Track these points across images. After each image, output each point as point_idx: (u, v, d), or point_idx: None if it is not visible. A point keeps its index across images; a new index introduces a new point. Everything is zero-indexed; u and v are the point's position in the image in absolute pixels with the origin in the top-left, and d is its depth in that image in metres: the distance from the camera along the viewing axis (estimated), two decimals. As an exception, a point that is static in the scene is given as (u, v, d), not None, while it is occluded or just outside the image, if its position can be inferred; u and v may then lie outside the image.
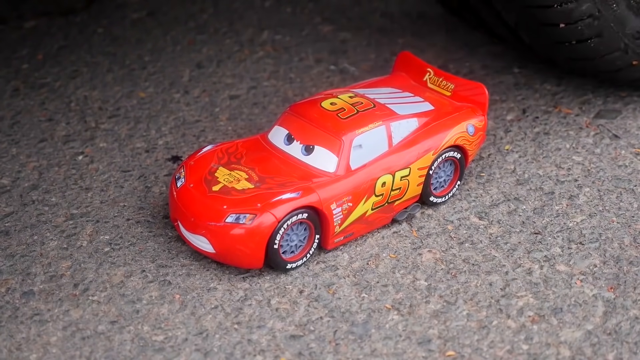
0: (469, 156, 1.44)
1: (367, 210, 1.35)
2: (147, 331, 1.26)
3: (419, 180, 1.39)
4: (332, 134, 1.34)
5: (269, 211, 1.27)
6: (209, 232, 1.30)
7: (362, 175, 1.34)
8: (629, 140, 1.56)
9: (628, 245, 1.37)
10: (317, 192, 1.30)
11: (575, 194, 1.46)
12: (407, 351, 1.23)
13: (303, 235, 1.32)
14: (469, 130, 1.42)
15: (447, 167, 1.43)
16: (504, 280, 1.32)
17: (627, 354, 1.22)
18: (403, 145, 1.38)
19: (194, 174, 1.35)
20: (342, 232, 1.34)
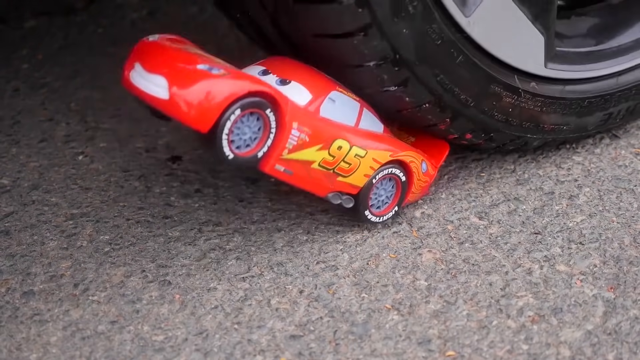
0: (410, 190, 1.41)
1: (316, 161, 1.29)
2: (147, 331, 1.26)
3: (367, 171, 1.34)
4: (313, 76, 1.31)
5: (244, 79, 1.20)
6: (172, 73, 1.19)
7: (327, 124, 1.30)
8: (629, 140, 1.56)
9: (628, 245, 1.37)
10: (288, 102, 1.24)
11: (575, 194, 1.46)
12: (407, 351, 1.23)
13: (256, 129, 1.23)
14: (422, 166, 1.40)
15: (389, 187, 1.39)
16: (504, 280, 1.32)
17: (627, 354, 1.22)
18: (367, 132, 1.34)
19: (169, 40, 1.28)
20: (285, 162, 1.27)
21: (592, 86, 1.48)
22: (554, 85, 1.44)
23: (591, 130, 1.52)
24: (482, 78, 1.37)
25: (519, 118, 1.43)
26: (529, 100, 1.42)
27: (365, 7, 1.23)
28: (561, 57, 1.45)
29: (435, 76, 1.33)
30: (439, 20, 1.30)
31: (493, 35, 1.36)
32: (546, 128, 1.47)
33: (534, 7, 1.37)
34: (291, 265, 1.35)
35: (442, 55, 1.32)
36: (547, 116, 1.45)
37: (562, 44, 1.47)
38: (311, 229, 1.40)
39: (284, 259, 1.36)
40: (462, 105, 1.38)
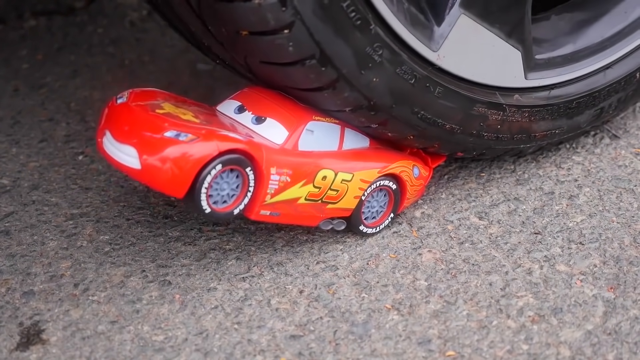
0: (405, 197, 1.40)
1: (301, 197, 1.29)
2: (147, 331, 1.26)
3: (357, 192, 1.33)
4: (289, 111, 1.29)
5: (214, 139, 1.19)
6: (141, 143, 1.19)
7: (307, 159, 1.28)
8: (629, 140, 1.56)
9: (628, 245, 1.37)
10: (262, 149, 1.23)
11: (575, 194, 1.46)
12: (407, 351, 1.23)
13: (235, 186, 1.23)
14: (414, 171, 1.39)
15: (381, 198, 1.38)
16: (504, 280, 1.32)
17: (627, 354, 1.22)
18: (352, 152, 1.33)
19: (138, 98, 1.27)
20: (270, 206, 1.27)
21: (579, 85, 1.46)
22: (539, 92, 1.43)
23: (586, 127, 1.51)
24: (464, 103, 1.35)
25: (509, 132, 1.42)
26: (516, 113, 1.40)
27: (329, 66, 1.21)
28: (542, 64, 1.43)
29: (416, 113, 1.31)
30: (407, 61, 1.27)
31: (467, 62, 1.34)
32: (538, 136, 1.45)
33: (506, 25, 1.35)
34: (291, 265, 1.35)
35: (418, 92, 1.30)
36: (537, 124, 1.43)
37: (543, 49, 1.45)
38: (311, 229, 1.40)
39: (284, 259, 1.36)
40: (448, 133, 1.36)
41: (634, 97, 1.53)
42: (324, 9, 1.17)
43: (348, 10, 1.19)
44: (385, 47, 1.24)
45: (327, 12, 1.17)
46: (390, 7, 1.23)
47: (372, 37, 1.22)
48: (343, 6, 1.18)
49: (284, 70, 1.23)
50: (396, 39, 1.25)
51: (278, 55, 1.20)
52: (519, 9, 1.36)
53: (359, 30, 1.21)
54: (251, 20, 1.17)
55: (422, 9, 1.29)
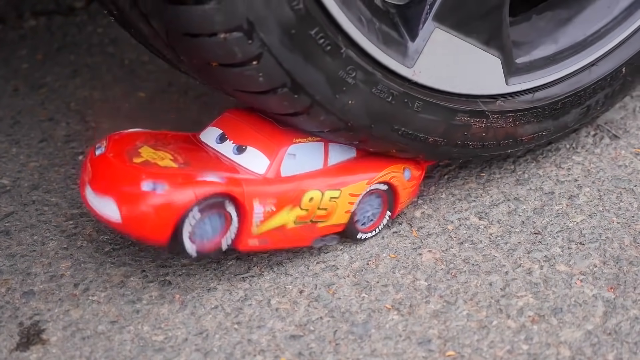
0: (399, 202, 1.39)
1: (289, 221, 1.29)
2: (147, 331, 1.26)
3: (347, 207, 1.33)
4: (269, 137, 1.29)
5: (190, 187, 1.20)
6: (120, 197, 1.21)
7: (291, 184, 1.28)
8: (629, 140, 1.56)
9: (628, 245, 1.37)
10: (242, 184, 1.24)
11: (575, 194, 1.46)
12: (407, 351, 1.23)
13: (218, 225, 1.24)
14: (405, 174, 1.38)
15: (374, 201, 1.37)
16: (504, 280, 1.32)
17: (627, 354, 1.22)
18: (338, 167, 1.33)
19: (116, 146, 1.28)
20: (258, 236, 1.27)
21: (564, 85, 1.45)
22: (522, 96, 1.41)
23: (574, 126, 1.50)
24: (445, 115, 1.33)
25: (495, 139, 1.40)
26: (500, 119, 1.38)
27: (301, 93, 1.20)
28: (524, 68, 1.41)
29: (396, 130, 1.29)
30: (383, 80, 1.25)
31: (445, 74, 1.32)
32: (525, 139, 1.43)
33: (482, 34, 1.33)
34: (291, 265, 1.35)
35: (397, 110, 1.28)
36: (522, 128, 1.41)
37: (523, 52, 1.43)
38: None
39: (283, 259, 1.36)
40: (432, 146, 1.34)
41: (622, 91, 1.52)
42: (291, 38, 1.16)
43: (317, 37, 1.18)
44: (358, 69, 1.22)
45: (295, 41, 1.16)
46: (361, 28, 1.22)
47: (344, 61, 1.21)
48: (311, 34, 1.17)
49: (259, 98, 1.23)
50: (369, 59, 1.24)
51: (249, 85, 1.19)
52: (495, 16, 1.34)
53: (329, 56, 1.19)
54: (218, 54, 1.16)
55: (394, 25, 1.28)
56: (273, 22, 1.14)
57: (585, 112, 1.49)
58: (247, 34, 1.13)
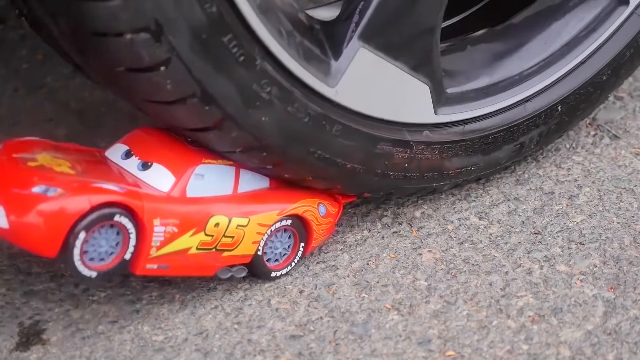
0: (311, 239, 1.31)
1: (192, 246, 1.20)
2: (147, 331, 1.26)
3: (255, 237, 1.25)
4: (176, 155, 1.22)
5: (85, 193, 1.10)
6: (8, 201, 1.11)
7: (197, 206, 1.20)
8: (629, 140, 1.56)
9: (628, 245, 1.37)
10: (143, 199, 1.15)
11: (575, 194, 1.46)
12: (407, 351, 1.23)
13: (114, 242, 1.14)
14: (320, 209, 1.31)
15: (285, 239, 1.30)
16: (504, 280, 1.32)
17: (627, 354, 1.22)
18: (248, 195, 1.26)
19: (11, 150, 1.21)
20: (157, 259, 1.18)
21: (497, 119, 1.38)
22: (451, 128, 1.34)
23: (506, 163, 1.44)
24: (366, 141, 1.26)
25: (419, 171, 1.33)
26: (425, 151, 1.32)
27: (212, 104, 1.13)
28: (455, 98, 1.35)
29: (312, 153, 1.23)
30: (300, 98, 1.18)
31: (369, 97, 1.25)
32: (452, 173, 1.38)
33: (412, 59, 1.26)
34: (291, 265, 1.35)
35: (314, 131, 1.21)
36: (449, 161, 1.35)
37: (455, 82, 1.37)
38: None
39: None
40: (350, 173, 1.27)
41: (558, 131, 1.47)
42: (202, 44, 1.09)
43: (230, 46, 1.10)
44: (274, 83, 1.15)
45: (206, 47, 1.09)
46: (280, 41, 1.15)
47: (259, 74, 1.14)
48: (224, 41, 1.10)
49: (167, 109, 1.15)
50: (287, 74, 1.17)
51: (157, 94, 1.12)
52: (426, 41, 1.28)
53: (243, 67, 1.12)
54: (125, 57, 1.08)
55: (319, 41, 1.22)
56: (183, 25, 1.07)
57: (519, 150, 1.43)
58: (154, 36, 1.06)
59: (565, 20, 1.45)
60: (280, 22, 1.16)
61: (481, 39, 1.45)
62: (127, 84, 1.14)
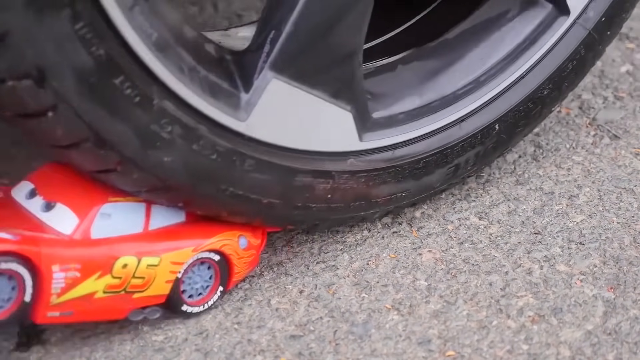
0: (233, 273, 1.25)
1: (98, 290, 1.14)
2: (147, 331, 1.26)
3: (169, 276, 1.19)
4: (81, 194, 1.16)
5: None
6: None
7: (102, 247, 1.14)
8: (629, 140, 1.56)
9: (628, 245, 1.37)
10: (40, 245, 1.09)
11: (575, 194, 1.46)
12: (407, 351, 1.23)
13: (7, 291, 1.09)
14: (240, 242, 1.25)
15: (205, 272, 1.24)
16: (504, 280, 1.32)
17: (627, 354, 1.22)
18: (161, 231, 1.20)
19: None
20: (59, 306, 1.12)
21: (429, 142, 1.32)
22: (379, 154, 1.28)
23: (440, 186, 1.38)
24: (283, 174, 1.20)
25: (343, 201, 1.27)
26: (350, 180, 1.26)
27: (107, 148, 1.08)
28: (382, 123, 1.28)
29: (223, 191, 1.17)
30: (207, 135, 1.12)
31: (284, 128, 1.20)
32: (381, 201, 1.31)
33: (331, 86, 1.20)
34: (291, 265, 1.35)
35: (223, 168, 1.16)
36: (377, 189, 1.29)
37: (382, 105, 1.30)
38: (311, 229, 1.40)
39: (283, 259, 1.36)
40: (268, 208, 1.22)
41: (496, 150, 1.41)
42: (91, 88, 1.03)
43: (123, 87, 1.05)
44: (176, 122, 1.09)
45: (95, 91, 1.04)
46: (182, 78, 1.09)
47: (158, 114, 1.08)
48: (115, 83, 1.04)
49: (64, 153, 1.11)
50: (191, 112, 1.11)
51: (49, 139, 1.08)
52: (345, 66, 1.21)
53: (139, 108, 1.07)
54: (10, 103, 1.04)
55: (227, 74, 1.16)
56: (68, 70, 1.01)
57: (454, 172, 1.37)
58: (37, 82, 1.01)
59: (502, 33, 1.38)
60: (181, 58, 1.10)
61: (413, 57, 1.37)
62: (22, 127, 1.09)
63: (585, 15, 1.40)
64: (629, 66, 1.73)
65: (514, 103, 1.38)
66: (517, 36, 1.38)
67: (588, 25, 1.40)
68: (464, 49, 1.37)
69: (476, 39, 1.38)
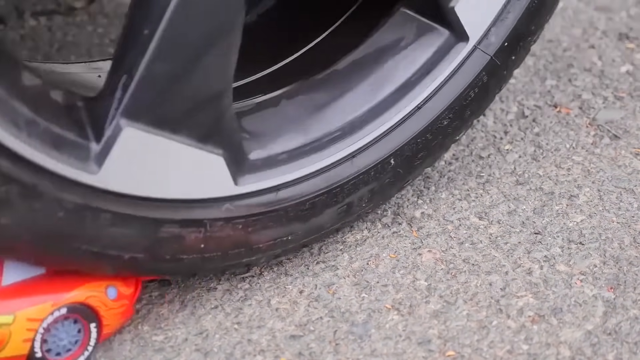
0: (102, 325, 1.17)
1: None
2: (147, 331, 1.26)
3: (26, 335, 1.10)
4: None
5: None
6: None
7: None
8: (629, 140, 1.56)
9: (628, 245, 1.37)
10: None
11: (575, 194, 1.46)
12: (407, 351, 1.23)
13: None
14: (109, 293, 1.16)
15: (71, 327, 1.15)
16: (504, 280, 1.32)
17: (627, 354, 1.22)
18: (15, 287, 1.11)
19: None
20: None
21: (316, 181, 1.24)
22: (259, 197, 1.19)
23: (332, 227, 1.30)
24: (145, 227, 1.11)
25: (220, 250, 1.18)
26: (225, 227, 1.17)
27: None
28: (262, 164, 1.20)
29: (77, 249, 1.08)
30: (50, 192, 1.03)
31: (143, 178, 1.10)
32: (264, 247, 1.22)
33: (195, 130, 1.11)
34: (291, 265, 1.35)
35: (74, 226, 1.06)
36: (257, 235, 1.21)
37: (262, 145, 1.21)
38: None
39: (283, 259, 1.36)
40: (131, 263, 1.12)
41: (394, 185, 1.33)
42: None
43: None
44: (11, 181, 1.00)
45: None
46: (16, 133, 1.00)
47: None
48: None
49: None
50: (30, 168, 1.01)
51: None
52: (211, 109, 1.12)
53: None
54: None
55: (77, 123, 1.06)
56: None
57: (346, 211, 1.29)
58: None
59: (396, 62, 1.30)
60: (15, 112, 1.01)
61: (299, 91, 1.27)
62: None
63: (486, 41, 1.33)
64: (629, 66, 1.73)
65: (411, 135, 1.30)
66: (412, 65, 1.31)
67: (489, 50, 1.33)
68: (355, 80, 1.29)
69: (368, 69, 1.30)
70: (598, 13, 1.87)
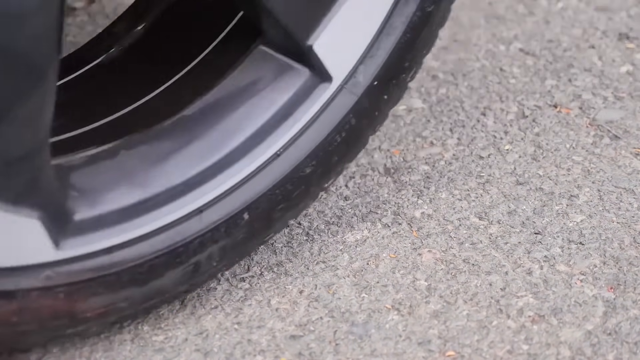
0: None
1: None
2: (147, 331, 1.26)
3: None
4: None
5: None
6: None
7: None
8: (629, 140, 1.56)
9: (628, 245, 1.37)
10: None
11: (575, 194, 1.46)
12: (407, 351, 1.23)
13: None
14: None
15: None
16: (504, 280, 1.32)
17: (627, 354, 1.22)
18: None
19: None
20: None
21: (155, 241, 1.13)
22: (87, 261, 1.09)
23: (180, 288, 1.19)
24: None
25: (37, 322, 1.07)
26: (45, 297, 1.05)
27: None
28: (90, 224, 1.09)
29: None
30: None
31: None
32: (92, 315, 1.11)
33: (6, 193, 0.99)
34: (291, 266, 1.35)
35: None
36: (85, 303, 1.09)
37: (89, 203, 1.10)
38: (311, 229, 1.40)
39: (283, 259, 1.36)
40: None
41: (250, 241, 1.23)
42: None
43: None
44: None
45: None
46: None
47: None
48: None
49: None
50: None
51: None
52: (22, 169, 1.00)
53: None
54: None
55: None
56: None
57: (193, 272, 1.18)
58: None
59: (251, 106, 1.20)
60: None
61: (141, 141, 1.16)
62: None
63: (353, 80, 1.23)
64: (629, 66, 1.73)
65: (267, 186, 1.20)
66: (270, 108, 1.20)
67: (357, 90, 1.23)
68: (204, 127, 1.18)
69: (219, 114, 1.19)
70: (598, 13, 1.87)
